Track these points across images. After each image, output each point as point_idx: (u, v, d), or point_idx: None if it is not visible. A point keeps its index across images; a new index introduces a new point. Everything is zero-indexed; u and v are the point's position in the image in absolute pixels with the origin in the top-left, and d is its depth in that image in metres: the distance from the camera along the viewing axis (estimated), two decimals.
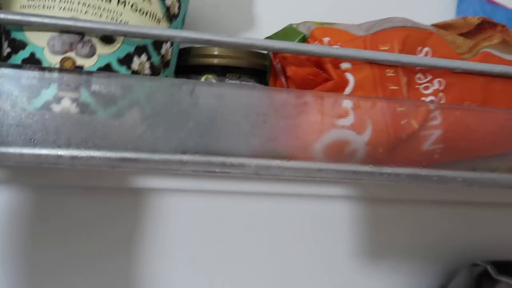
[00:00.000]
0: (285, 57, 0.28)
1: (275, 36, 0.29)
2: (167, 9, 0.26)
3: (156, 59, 0.27)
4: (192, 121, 0.23)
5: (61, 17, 0.23)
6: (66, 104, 0.21)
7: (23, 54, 0.22)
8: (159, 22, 0.26)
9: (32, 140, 0.21)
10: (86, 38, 0.22)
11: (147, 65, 0.26)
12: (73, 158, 0.22)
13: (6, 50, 0.22)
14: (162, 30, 0.23)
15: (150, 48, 0.26)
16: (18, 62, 0.22)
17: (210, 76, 0.32)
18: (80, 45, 0.22)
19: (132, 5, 0.24)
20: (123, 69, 0.24)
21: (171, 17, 0.27)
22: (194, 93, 0.23)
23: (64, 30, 0.22)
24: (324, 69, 0.27)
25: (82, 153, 0.22)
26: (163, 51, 0.27)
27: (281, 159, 0.25)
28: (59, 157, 0.22)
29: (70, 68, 0.22)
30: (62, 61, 0.22)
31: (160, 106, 0.23)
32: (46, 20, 0.22)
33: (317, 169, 0.25)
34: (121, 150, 0.22)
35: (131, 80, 0.22)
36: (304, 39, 0.28)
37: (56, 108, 0.21)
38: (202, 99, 0.23)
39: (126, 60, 0.24)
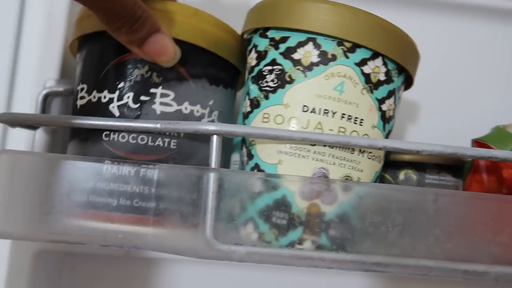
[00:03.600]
0: None
1: (486, 139, 0.30)
2: (388, 133, 0.29)
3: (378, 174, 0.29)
4: (438, 228, 0.24)
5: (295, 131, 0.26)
6: (307, 246, 0.24)
7: (276, 194, 0.25)
8: (381, 160, 0.29)
9: None
10: (332, 186, 0.25)
11: None
12: (333, 261, 0.24)
13: (259, 187, 0.25)
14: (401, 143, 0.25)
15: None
16: (270, 201, 0.25)
17: (410, 171, 0.33)
18: (326, 193, 0.25)
19: (368, 153, 0.27)
20: (354, 214, 0.26)
21: (388, 134, 0.29)
22: (438, 201, 0.25)
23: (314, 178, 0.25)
24: None
25: (338, 256, 0.24)
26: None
27: None
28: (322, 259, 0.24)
29: (315, 214, 0.25)
30: (309, 207, 0.25)
31: (407, 214, 0.24)
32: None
33: None
34: (374, 254, 0.24)
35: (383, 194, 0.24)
36: None
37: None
38: (445, 206, 0.25)
39: (359, 206, 0.26)
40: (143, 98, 0.26)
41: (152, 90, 0.26)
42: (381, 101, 0.28)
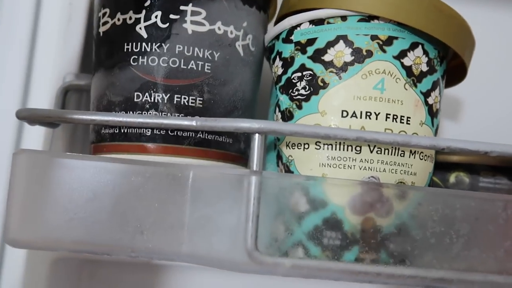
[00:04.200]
0: None
1: None
2: (436, 130, 0.27)
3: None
4: (509, 239, 0.22)
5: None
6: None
7: (324, 213, 0.22)
8: (433, 160, 0.26)
9: None
10: (385, 196, 0.22)
11: None
12: (390, 276, 0.21)
13: (304, 206, 0.22)
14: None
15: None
16: (319, 221, 0.22)
17: (462, 173, 0.30)
18: (379, 205, 0.22)
19: (420, 154, 0.25)
20: (414, 224, 0.23)
21: (436, 131, 0.27)
22: (508, 209, 0.22)
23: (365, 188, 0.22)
24: None
25: (396, 270, 0.21)
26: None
27: None
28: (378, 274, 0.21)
29: (371, 229, 0.22)
30: (363, 222, 0.22)
31: (474, 223, 0.22)
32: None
33: None
34: (436, 268, 0.21)
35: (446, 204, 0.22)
36: None
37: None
38: None
39: (419, 214, 0.23)
40: (172, 16, 0.24)
41: (182, 8, 0.24)
42: (426, 94, 0.25)
